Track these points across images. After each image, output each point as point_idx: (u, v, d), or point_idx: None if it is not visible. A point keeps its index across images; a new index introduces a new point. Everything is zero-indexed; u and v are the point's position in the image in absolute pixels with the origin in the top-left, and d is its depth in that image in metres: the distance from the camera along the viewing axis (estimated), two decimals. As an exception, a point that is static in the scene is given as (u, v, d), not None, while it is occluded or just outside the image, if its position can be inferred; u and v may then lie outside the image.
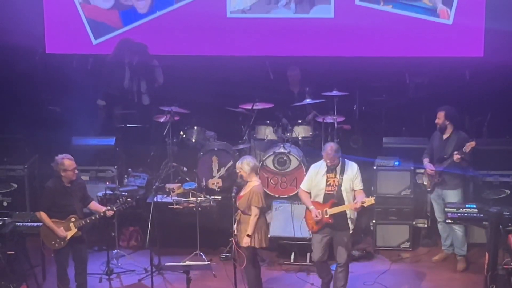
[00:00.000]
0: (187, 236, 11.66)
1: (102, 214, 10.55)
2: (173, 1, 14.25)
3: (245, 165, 10.33)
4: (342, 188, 10.17)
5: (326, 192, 10.23)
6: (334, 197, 10.17)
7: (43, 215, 10.27)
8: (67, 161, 10.30)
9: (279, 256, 11.90)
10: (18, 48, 13.80)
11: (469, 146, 11.08)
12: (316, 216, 10.11)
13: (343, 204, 10.14)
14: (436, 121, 11.44)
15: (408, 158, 12.24)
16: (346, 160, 10.31)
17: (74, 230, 10.31)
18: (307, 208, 10.35)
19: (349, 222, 10.21)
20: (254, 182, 10.36)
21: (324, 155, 10.24)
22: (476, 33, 13.74)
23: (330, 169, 10.24)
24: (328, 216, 10.12)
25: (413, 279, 11.27)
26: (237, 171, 10.43)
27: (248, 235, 10.18)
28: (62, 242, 10.29)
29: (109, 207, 10.59)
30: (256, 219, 10.21)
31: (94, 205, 10.74)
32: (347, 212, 10.16)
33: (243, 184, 10.43)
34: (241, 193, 10.41)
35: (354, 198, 10.18)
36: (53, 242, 10.29)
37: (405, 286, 11.03)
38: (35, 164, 13.03)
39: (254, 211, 10.21)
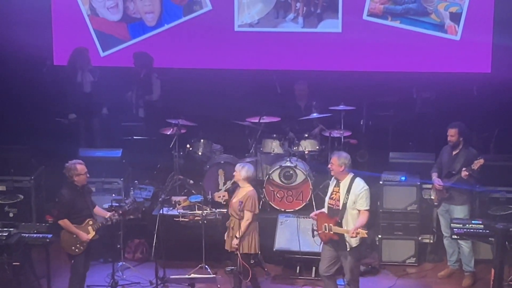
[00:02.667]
0: (192, 249, 11.66)
1: (110, 218, 10.72)
2: (181, 14, 14.31)
3: (243, 171, 10.63)
4: (347, 207, 10.09)
5: (329, 204, 10.23)
6: (338, 214, 10.10)
7: (66, 222, 10.45)
8: (79, 166, 10.52)
9: (285, 270, 11.90)
10: (26, 60, 13.87)
11: (478, 163, 11.09)
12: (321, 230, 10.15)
13: (347, 222, 10.08)
14: (449, 138, 11.41)
15: (415, 174, 12.24)
16: (357, 178, 10.20)
17: (92, 233, 10.53)
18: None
19: (347, 241, 10.08)
20: (248, 188, 10.63)
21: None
22: (484, 49, 13.77)
23: (337, 182, 10.23)
24: (332, 232, 10.11)
25: (419, 295, 11.29)
26: (234, 172, 10.69)
27: (236, 237, 10.36)
28: (81, 247, 10.46)
29: (113, 212, 10.76)
30: (247, 223, 10.41)
31: (98, 210, 10.89)
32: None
33: (233, 189, 10.53)
34: (233, 199, 10.61)
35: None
36: (73, 248, 10.46)
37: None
38: (41, 176, 13.05)
39: (247, 215, 10.44)
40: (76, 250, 10.48)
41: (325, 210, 10.29)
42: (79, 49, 13.93)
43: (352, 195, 10.08)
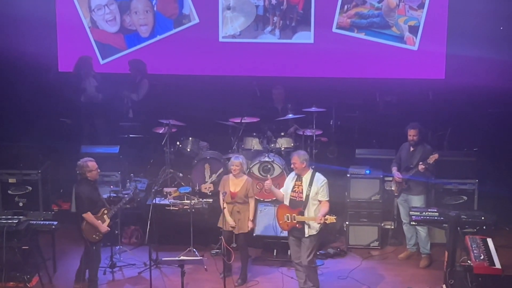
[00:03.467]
0: (182, 234, 11.62)
1: (125, 202, 10.97)
2: (171, 26, 14.27)
3: (244, 164, 10.89)
4: (309, 198, 10.09)
5: (291, 197, 10.20)
6: (301, 205, 10.09)
7: (89, 215, 10.42)
8: (90, 163, 10.50)
9: (264, 253, 11.88)
10: (34, 67, 13.80)
11: (433, 158, 11.12)
12: (267, 185, 10.43)
13: (309, 212, 10.07)
14: (411, 138, 11.39)
15: (378, 168, 12.23)
16: (317, 173, 10.22)
17: (107, 221, 10.57)
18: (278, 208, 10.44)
19: (306, 228, 10.10)
20: (245, 177, 10.87)
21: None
22: (438, 58, 13.82)
23: (299, 177, 10.21)
24: (296, 221, 10.09)
25: (382, 274, 11.26)
26: (236, 166, 10.74)
27: (251, 221, 10.73)
28: (100, 235, 10.53)
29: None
30: (255, 205, 10.79)
31: None
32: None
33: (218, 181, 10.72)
34: (233, 190, 10.70)
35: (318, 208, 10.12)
36: (94, 236, 10.46)
37: (374, 280, 11.01)
38: (48, 170, 12.97)
39: (253, 200, 10.79)
40: (96, 238, 10.50)
41: (286, 202, 10.28)
42: (83, 58, 13.86)
43: (314, 187, 10.08)
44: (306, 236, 10.11)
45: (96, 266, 10.67)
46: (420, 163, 11.19)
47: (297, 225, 10.09)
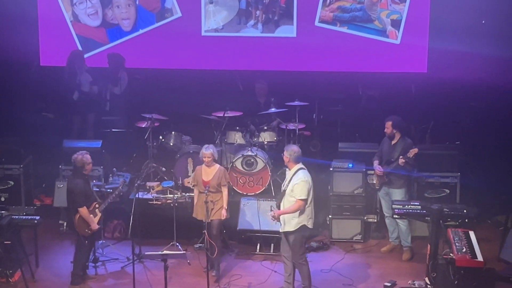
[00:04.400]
0: (165, 229, 11.62)
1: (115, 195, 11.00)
2: (154, 20, 14.23)
3: (215, 153, 10.95)
4: (286, 193, 10.05)
5: (282, 190, 10.25)
6: (281, 199, 10.13)
7: (84, 210, 10.46)
8: (86, 156, 10.58)
9: (247, 247, 11.87)
10: (16, 61, 13.74)
11: (412, 152, 11.13)
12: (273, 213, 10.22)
13: (284, 206, 10.08)
14: (385, 130, 11.45)
15: (361, 161, 12.25)
16: (301, 170, 10.09)
17: (99, 215, 10.65)
18: None
19: (282, 223, 10.11)
20: (217, 165, 10.94)
21: None
22: (421, 52, 13.85)
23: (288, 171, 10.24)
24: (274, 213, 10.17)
25: (364, 267, 11.29)
26: (208, 158, 10.79)
27: (226, 209, 10.74)
28: (93, 229, 10.58)
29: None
30: (228, 195, 10.86)
31: None
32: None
33: (199, 173, 10.83)
34: (205, 179, 10.77)
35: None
36: (86, 230, 10.53)
37: (357, 274, 11.04)
38: (30, 164, 12.93)
39: (226, 188, 10.82)
40: (89, 232, 10.54)
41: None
42: (76, 52, 13.77)
43: (291, 184, 10.02)
44: (281, 231, 10.16)
45: (84, 261, 10.68)
46: (401, 157, 11.21)
47: (275, 217, 10.10)
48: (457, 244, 9.54)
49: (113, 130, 13.76)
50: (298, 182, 9.95)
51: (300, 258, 10.15)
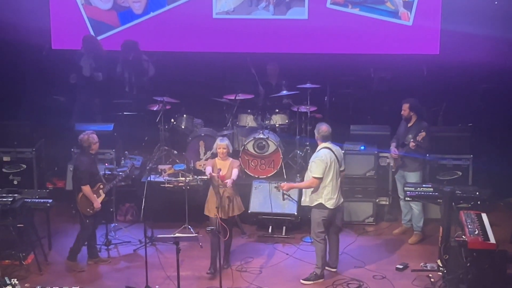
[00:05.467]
0: (176, 212, 11.63)
1: (122, 177, 11.09)
2: (165, 3, 14.18)
3: (229, 146, 10.58)
4: (308, 169, 10.29)
5: None
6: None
7: (88, 188, 10.53)
8: (92, 135, 10.65)
9: (258, 230, 11.89)
10: (27, 44, 13.73)
11: (421, 136, 11.09)
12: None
13: None
14: (402, 112, 11.40)
15: (372, 144, 12.23)
16: (323, 149, 10.17)
17: (103, 196, 10.70)
18: None
19: (303, 196, 10.42)
20: (230, 159, 10.60)
21: None
22: (433, 33, 13.75)
23: None
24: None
25: (376, 250, 11.29)
26: (224, 149, 10.45)
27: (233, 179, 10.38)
28: (95, 209, 10.59)
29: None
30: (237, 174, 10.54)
31: None
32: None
33: (214, 167, 10.47)
34: (221, 173, 10.35)
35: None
36: (88, 209, 10.58)
37: (369, 256, 11.03)
38: (41, 148, 12.97)
39: (237, 169, 10.55)
40: (91, 211, 10.59)
41: None
42: (91, 37, 13.83)
43: (310, 160, 10.23)
44: (302, 204, 10.47)
45: (83, 239, 10.72)
46: (411, 140, 11.15)
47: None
48: (469, 226, 9.50)
49: (124, 113, 13.74)
50: (314, 160, 10.11)
51: (316, 236, 10.28)
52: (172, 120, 13.00)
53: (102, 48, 13.73)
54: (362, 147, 12.15)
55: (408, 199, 10.92)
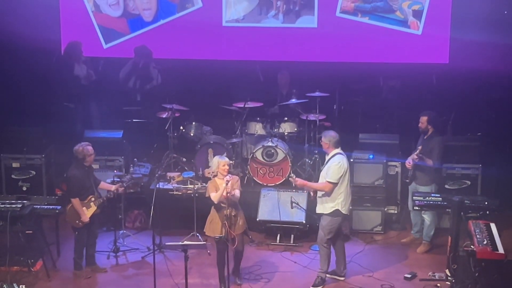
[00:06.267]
0: (185, 219, 11.65)
1: (113, 191, 10.79)
2: (175, 11, 14.21)
3: (231, 164, 10.57)
4: (321, 174, 10.31)
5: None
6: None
7: (76, 201, 10.52)
8: (87, 147, 10.62)
9: (267, 238, 11.89)
10: (38, 51, 13.75)
11: (420, 148, 11.09)
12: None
13: None
14: (420, 125, 11.37)
15: (381, 152, 12.23)
16: (338, 155, 10.24)
17: (94, 208, 10.63)
18: None
19: (318, 205, 10.36)
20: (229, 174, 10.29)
21: None
22: (442, 42, 13.74)
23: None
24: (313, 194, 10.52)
25: (385, 258, 11.27)
26: (227, 166, 10.18)
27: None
28: (83, 222, 10.56)
29: (119, 184, 10.82)
30: (238, 194, 10.14)
31: (104, 184, 10.93)
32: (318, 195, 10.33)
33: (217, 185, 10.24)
34: (231, 191, 10.05)
35: None
36: (77, 221, 10.56)
37: (377, 265, 11.01)
38: (51, 154, 13.00)
39: (238, 192, 10.13)
40: (80, 224, 10.58)
41: None
42: (73, 43, 13.76)
43: (326, 167, 10.22)
44: (317, 212, 10.39)
45: (79, 249, 10.73)
46: (416, 152, 11.13)
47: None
48: (478, 236, 9.48)
49: (134, 120, 13.77)
50: (332, 165, 10.15)
51: (324, 242, 10.30)
52: (181, 127, 13.01)
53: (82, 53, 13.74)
54: (371, 156, 12.14)
55: (417, 208, 10.89)
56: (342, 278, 10.55)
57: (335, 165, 10.13)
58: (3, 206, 10.58)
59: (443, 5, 13.65)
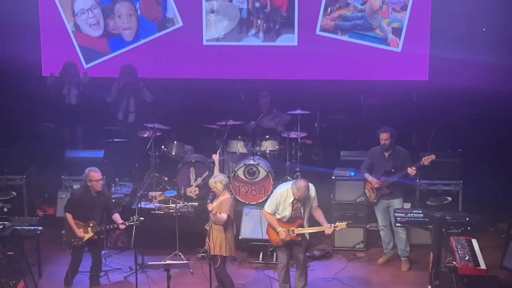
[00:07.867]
0: (167, 238, 11.62)
1: (116, 226, 10.83)
2: (155, 30, 14.26)
3: (218, 183, 10.16)
4: (305, 209, 10.22)
5: (292, 216, 10.19)
6: (300, 218, 10.18)
7: (68, 216, 10.60)
8: (92, 173, 10.64)
9: (249, 256, 11.88)
10: (18, 72, 13.73)
11: (429, 159, 11.13)
12: (285, 238, 10.12)
13: (306, 221, 10.23)
14: (383, 142, 11.40)
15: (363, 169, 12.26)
16: (309, 184, 10.22)
17: (90, 234, 10.64)
18: (270, 226, 10.31)
19: (305, 235, 10.28)
20: (225, 196, 10.23)
21: (295, 191, 10.07)
22: (422, 59, 13.86)
23: (297, 199, 10.17)
24: (295, 234, 10.14)
25: (368, 276, 11.29)
26: (211, 187, 10.24)
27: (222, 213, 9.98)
28: (80, 242, 10.58)
29: (124, 222, 10.80)
30: (225, 217, 10.00)
31: (116, 217, 10.91)
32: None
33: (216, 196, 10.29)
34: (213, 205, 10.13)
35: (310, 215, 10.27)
36: (73, 240, 10.61)
37: (360, 282, 11.03)
38: (32, 175, 12.93)
39: (224, 216, 10.01)
40: (75, 243, 10.61)
41: (284, 220, 10.22)
42: (70, 63, 13.74)
43: (309, 199, 10.19)
44: (302, 245, 10.30)
45: (73, 267, 10.72)
46: (413, 166, 11.16)
47: (296, 238, 10.18)
48: (459, 252, 9.53)
49: (115, 140, 13.76)
50: (315, 193, 10.32)
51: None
52: (163, 146, 13.01)
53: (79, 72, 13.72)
54: (353, 173, 12.17)
55: (399, 225, 10.93)
56: None
57: (315, 190, 10.28)
58: (-17, 227, 10.54)
59: (422, 23, 13.77)
